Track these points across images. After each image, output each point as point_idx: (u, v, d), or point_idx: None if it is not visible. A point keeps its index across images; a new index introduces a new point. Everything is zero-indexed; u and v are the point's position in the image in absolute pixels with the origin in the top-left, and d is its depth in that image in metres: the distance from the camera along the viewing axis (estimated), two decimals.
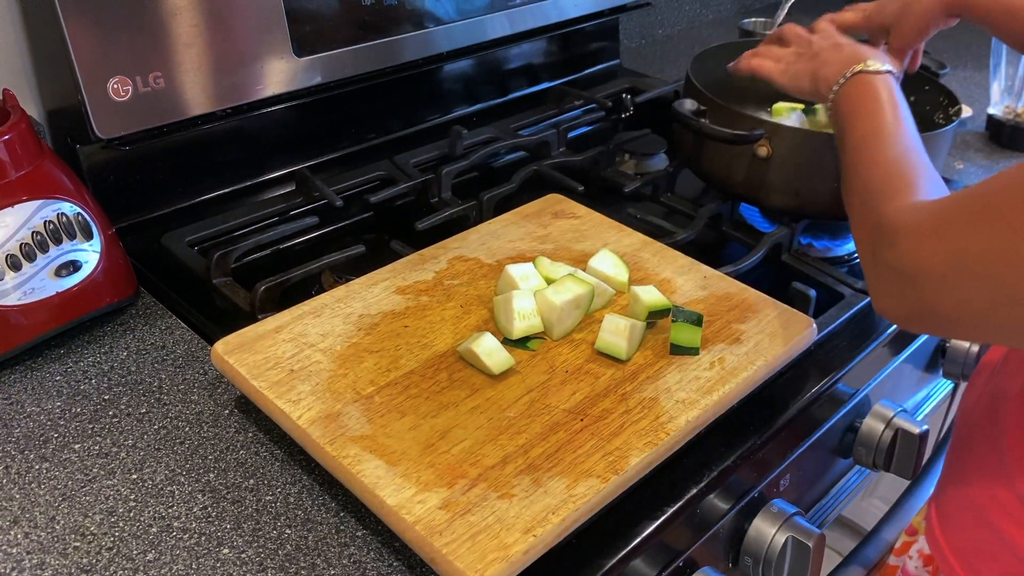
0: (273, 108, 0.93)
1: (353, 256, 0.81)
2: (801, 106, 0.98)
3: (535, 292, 0.69)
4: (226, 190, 0.96)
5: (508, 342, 0.68)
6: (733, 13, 1.68)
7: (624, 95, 1.17)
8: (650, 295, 0.70)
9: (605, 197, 0.98)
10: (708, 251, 0.90)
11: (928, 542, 0.68)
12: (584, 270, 0.74)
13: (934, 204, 0.56)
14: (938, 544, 0.66)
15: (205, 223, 0.89)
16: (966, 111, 1.23)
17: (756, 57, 0.87)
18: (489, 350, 0.65)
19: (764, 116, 0.97)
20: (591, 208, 0.87)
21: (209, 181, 0.95)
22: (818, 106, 0.98)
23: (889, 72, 0.72)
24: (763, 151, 0.84)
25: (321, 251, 0.82)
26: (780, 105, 0.98)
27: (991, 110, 1.19)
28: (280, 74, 0.91)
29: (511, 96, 1.22)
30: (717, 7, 1.65)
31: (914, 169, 0.62)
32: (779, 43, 0.87)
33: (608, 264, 0.75)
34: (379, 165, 1.01)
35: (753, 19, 1.35)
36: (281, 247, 0.87)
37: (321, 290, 0.78)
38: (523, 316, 0.68)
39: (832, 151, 0.84)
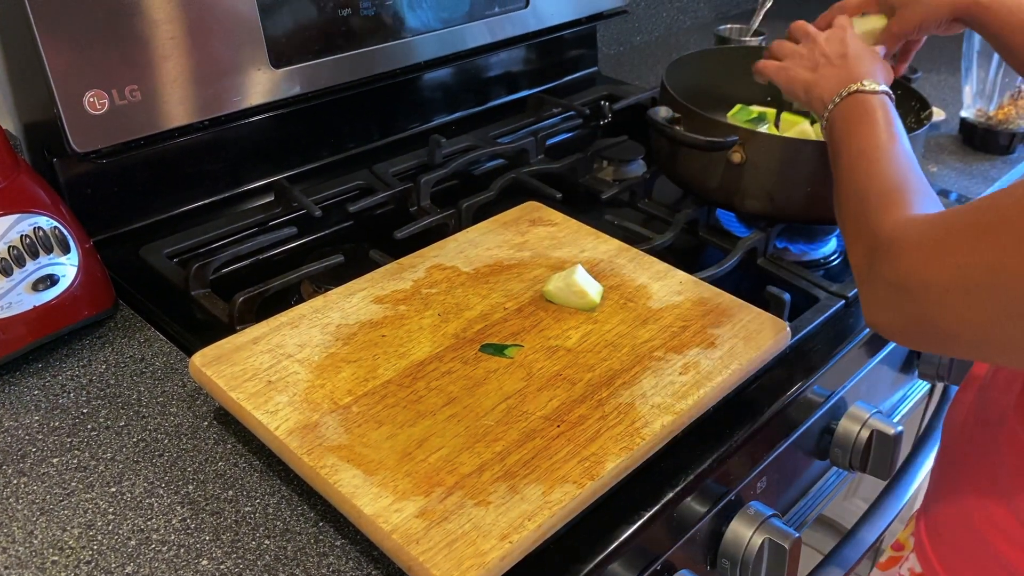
0: (251, 119, 0.94)
1: (332, 266, 0.82)
2: (757, 111, 1.00)
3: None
4: (205, 201, 0.96)
5: (486, 349, 0.68)
6: (711, 20, 1.69)
7: (602, 102, 1.18)
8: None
9: (583, 204, 0.98)
10: (686, 256, 0.91)
11: (919, 560, 0.68)
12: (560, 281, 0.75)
13: (936, 217, 0.55)
14: (930, 563, 0.66)
15: (184, 235, 0.89)
16: (939, 115, 1.25)
17: (768, 56, 0.88)
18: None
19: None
20: (569, 215, 0.88)
21: (187, 193, 0.95)
22: (786, 115, 1.00)
23: (886, 93, 0.73)
24: (737, 157, 0.84)
25: (300, 261, 0.82)
26: (737, 108, 1.00)
27: (963, 113, 1.21)
28: (257, 86, 0.91)
29: (490, 104, 1.23)
30: (694, 14, 1.67)
31: (910, 184, 0.63)
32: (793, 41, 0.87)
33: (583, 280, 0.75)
34: (358, 174, 1.02)
35: (728, 25, 1.36)
36: (260, 258, 0.87)
37: (301, 300, 0.78)
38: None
39: (804, 156, 0.85)
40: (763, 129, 0.95)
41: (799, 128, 0.96)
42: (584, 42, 1.33)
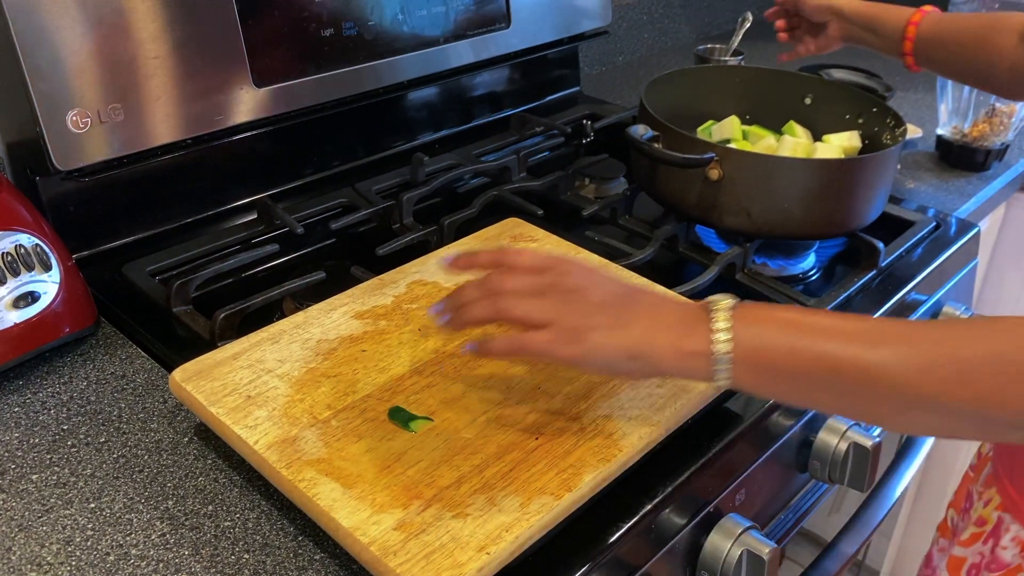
0: (234, 138, 0.94)
1: (313, 283, 0.82)
2: (711, 122, 1.02)
3: None
4: (188, 220, 0.96)
5: (394, 416, 0.64)
6: (691, 40, 1.72)
7: (584, 121, 1.19)
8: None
9: (565, 220, 0.99)
10: (666, 272, 0.92)
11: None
12: None
13: None
14: None
15: (166, 253, 0.90)
16: (915, 132, 1.27)
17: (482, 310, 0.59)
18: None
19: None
20: (551, 232, 0.89)
21: (170, 211, 0.95)
22: (753, 128, 1.01)
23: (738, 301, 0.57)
24: (714, 174, 0.86)
25: (282, 279, 0.83)
26: (707, 125, 1.02)
27: (939, 131, 1.23)
28: (240, 105, 0.92)
29: (473, 123, 1.24)
30: (675, 35, 1.69)
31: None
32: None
33: None
34: (341, 192, 1.02)
35: (708, 45, 1.38)
36: (243, 275, 0.87)
37: (283, 317, 0.78)
38: None
39: (781, 172, 0.87)
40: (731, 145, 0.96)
41: (766, 143, 0.98)
42: (566, 62, 1.35)
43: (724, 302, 0.57)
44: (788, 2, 1.11)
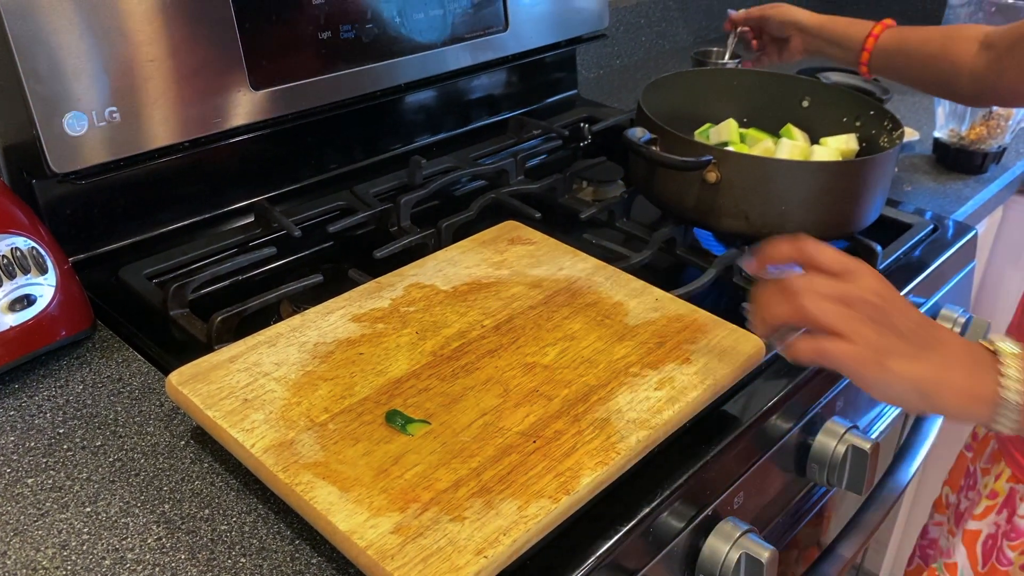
0: (231, 140, 0.94)
1: (311, 286, 0.82)
2: (708, 125, 1.02)
3: None
4: (185, 223, 0.96)
5: (391, 418, 0.63)
6: (689, 43, 1.72)
7: (582, 124, 1.19)
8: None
9: (562, 224, 0.99)
10: (663, 275, 0.92)
11: None
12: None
13: None
14: None
15: (163, 256, 0.90)
16: (912, 135, 1.27)
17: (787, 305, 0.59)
18: None
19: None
20: (548, 235, 0.88)
21: (167, 214, 0.95)
22: (751, 131, 1.01)
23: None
24: (712, 176, 0.86)
25: (280, 281, 0.83)
26: (705, 128, 1.02)
27: (937, 134, 1.23)
28: (237, 107, 0.92)
29: (471, 126, 1.24)
30: (673, 38, 1.69)
31: None
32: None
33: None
34: (339, 195, 1.02)
35: (706, 48, 1.38)
36: (240, 278, 0.87)
37: (280, 320, 0.78)
38: None
39: (778, 175, 0.87)
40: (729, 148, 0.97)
41: (764, 146, 0.98)
42: (564, 65, 1.35)
43: (1013, 349, 0.56)
44: (752, 19, 1.17)
